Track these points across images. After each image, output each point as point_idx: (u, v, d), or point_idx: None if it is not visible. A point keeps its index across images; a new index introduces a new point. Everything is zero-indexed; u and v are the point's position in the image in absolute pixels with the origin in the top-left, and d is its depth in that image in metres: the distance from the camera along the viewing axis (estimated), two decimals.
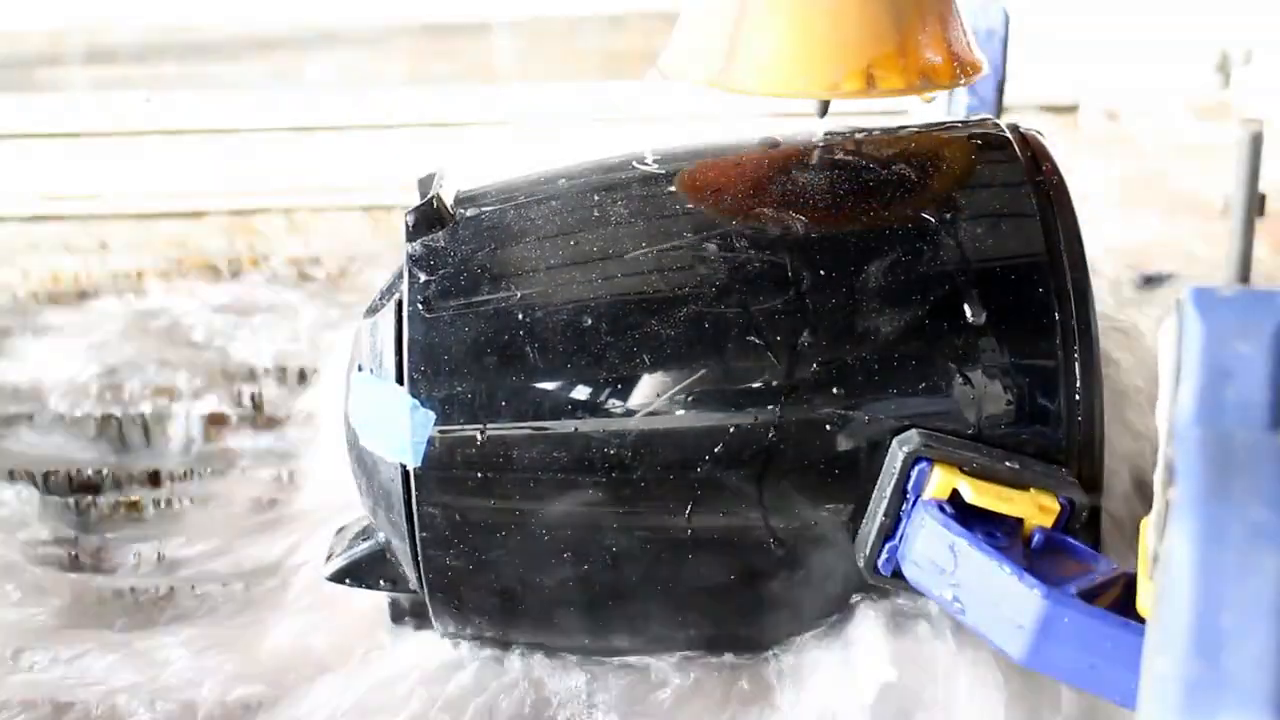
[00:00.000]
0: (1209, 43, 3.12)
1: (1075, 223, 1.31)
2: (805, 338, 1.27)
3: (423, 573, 1.33)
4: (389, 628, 1.43)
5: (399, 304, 1.32)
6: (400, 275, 1.35)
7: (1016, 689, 1.24)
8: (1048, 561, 1.21)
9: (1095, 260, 1.31)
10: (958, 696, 1.24)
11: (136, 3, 3.96)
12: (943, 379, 1.27)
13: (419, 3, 3.85)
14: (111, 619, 1.55)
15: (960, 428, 1.27)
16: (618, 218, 1.34)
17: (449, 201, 1.39)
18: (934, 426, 1.26)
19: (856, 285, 1.28)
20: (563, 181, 1.41)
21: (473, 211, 1.38)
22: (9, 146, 2.73)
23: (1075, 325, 1.27)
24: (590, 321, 1.28)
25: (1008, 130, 1.40)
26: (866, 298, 1.28)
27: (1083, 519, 1.25)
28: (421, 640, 1.41)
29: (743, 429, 1.27)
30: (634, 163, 1.41)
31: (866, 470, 1.27)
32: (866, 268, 1.29)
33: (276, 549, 1.64)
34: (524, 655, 1.39)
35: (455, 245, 1.34)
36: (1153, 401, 1.00)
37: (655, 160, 1.41)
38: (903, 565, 1.25)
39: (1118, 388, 1.45)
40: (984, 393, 1.27)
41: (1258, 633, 0.83)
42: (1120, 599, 1.16)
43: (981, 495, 1.23)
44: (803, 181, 1.36)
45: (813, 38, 1.30)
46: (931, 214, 1.31)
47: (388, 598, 1.42)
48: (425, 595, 1.34)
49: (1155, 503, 0.94)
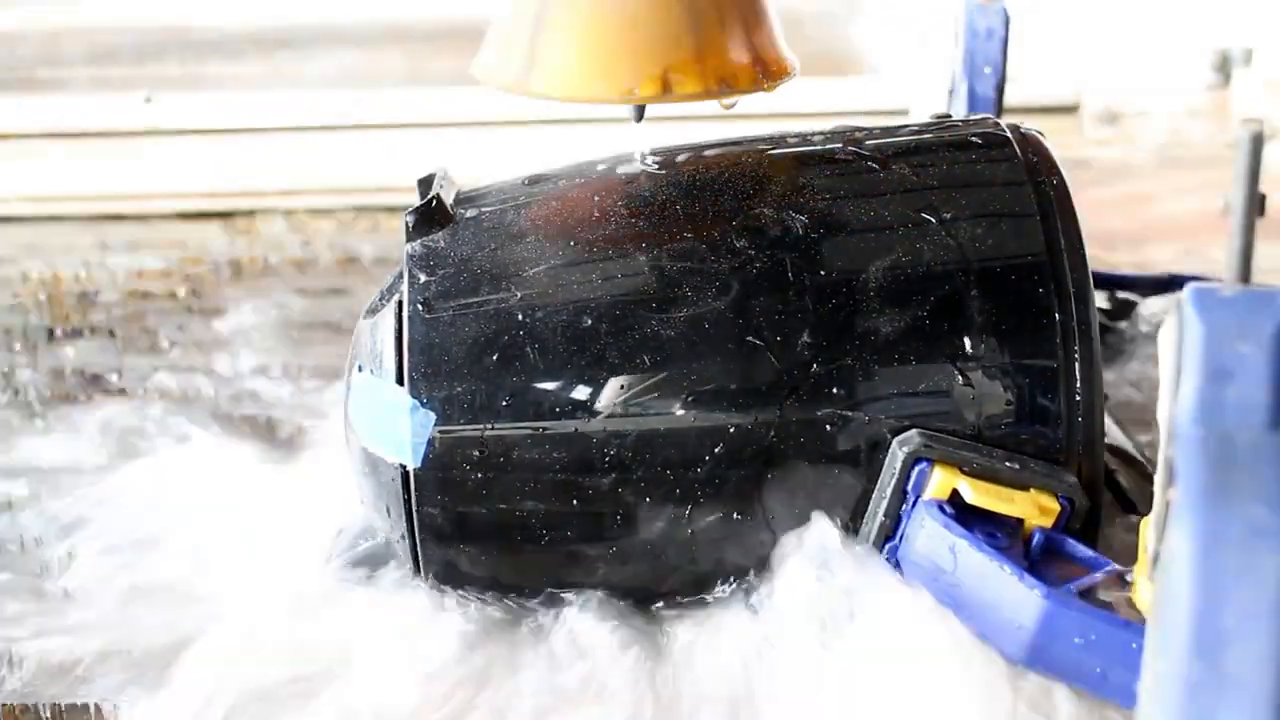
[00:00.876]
0: (1209, 43, 3.13)
1: (1075, 223, 1.31)
2: (805, 338, 1.27)
3: (423, 572, 1.33)
4: None
5: (399, 304, 1.32)
6: (400, 275, 1.35)
7: None
8: (1048, 561, 1.21)
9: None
10: None
11: (136, 3, 3.96)
12: (943, 379, 1.27)
13: (419, 3, 3.85)
14: None
15: (960, 428, 1.27)
16: (617, 218, 1.34)
17: (449, 201, 1.39)
18: (934, 427, 1.26)
19: (857, 285, 1.28)
20: (562, 181, 1.41)
21: (473, 211, 1.38)
22: (9, 146, 2.73)
23: (1075, 325, 1.27)
24: (590, 321, 1.28)
25: (1008, 130, 1.40)
26: (867, 298, 1.28)
27: (1083, 519, 1.25)
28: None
29: (743, 429, 1.27)
30: (634, 162, 1.41)
31: (866, 470, 1.27)
32: (867, 268, 1.29)
33: None
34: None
35: (455, 245, 1.34)
36: None
37: (655, 160, 1.41)
38: (903, 565, 1.25)
39: None
40: (984, 393, 1.27)
41: (1258, 633, 0.83)
42: (1120, 599, 1.16)
43: (981, 495, 1.22)
44: (803, 181, 1.36)
45: (608, 44, 1.30)
46: (932, 214, 1.31)
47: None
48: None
49: (1155, 503, 0.94)
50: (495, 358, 1.28)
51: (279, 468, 1.75)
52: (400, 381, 1.30)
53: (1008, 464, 1.25)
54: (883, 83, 3.05)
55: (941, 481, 1.23)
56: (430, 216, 1.35)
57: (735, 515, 1.28)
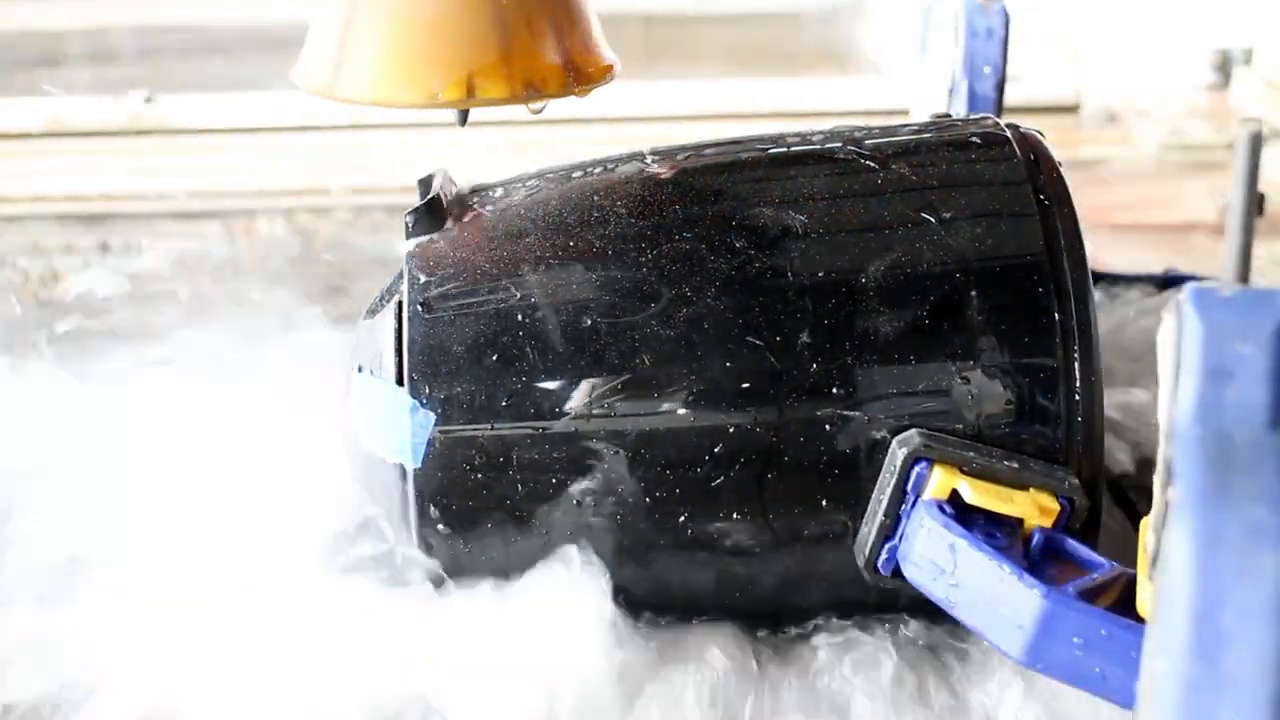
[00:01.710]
0: (1209, 43, 3.13)
1: (1075, 223, 1.31)
2: (805, 338, 1.27)
3: (423, 572, 1.33)
4: None
5: (399, 304, 1.32)
6: (400, 276, 1.35)
7: None
8: (1048, 561, 1.21)
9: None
10: None
11: (136, 3, 3.96)
12: (942, 379, 1.27)
13: None
14: None
15: (960, 428, 1.27)
16: (618, 217, 1.34)
17: (448, 201, 1.39)
18: (934, 426, 1.26)
19: (856, 285, 1.28)
20: (563, 181, 1.42)
21: (473, 211, 1.38)
22: (9, 146, 2.73)
23: (1075, 325, 1.27)
24: (591, 321, 1.29)
25: (1007, 130, 1.40)
26: (866, 297, 1.28)
27: (1083, 519, 1.25)
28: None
29: (743, 429, 1.27)
30: (634, 162, 1.42)
31: (866, 470, 1.27)
32: (866, 267, 1.29)
33: None
34: None
35: (455, 245, 1.34)
36: None
37: (655, 159, 1.41)
38: (903, 565, 1.25)
39: None
40: (983, 393, 1.27)
41: (1258, 633, 0.83)
42: (1120, 599, 1.16)
43: (981, 495, 1.23)
44: (803, 181, 1.36)
45: (412, 48, 1.28)
46: (931, 213, 1.31)
47: None
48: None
49: (1155, 503, 0.94)
50: (495, 358, 1.29)
51: (279, 468, 1.76)
52: (400, 381, 1.30)
53: (1007, 464, 1.25)
54: (883, 83, 3.06)
55: (941, 481, 1.23)
56: (430, 216, 1.36)
57: (735, 515, 1.28)
